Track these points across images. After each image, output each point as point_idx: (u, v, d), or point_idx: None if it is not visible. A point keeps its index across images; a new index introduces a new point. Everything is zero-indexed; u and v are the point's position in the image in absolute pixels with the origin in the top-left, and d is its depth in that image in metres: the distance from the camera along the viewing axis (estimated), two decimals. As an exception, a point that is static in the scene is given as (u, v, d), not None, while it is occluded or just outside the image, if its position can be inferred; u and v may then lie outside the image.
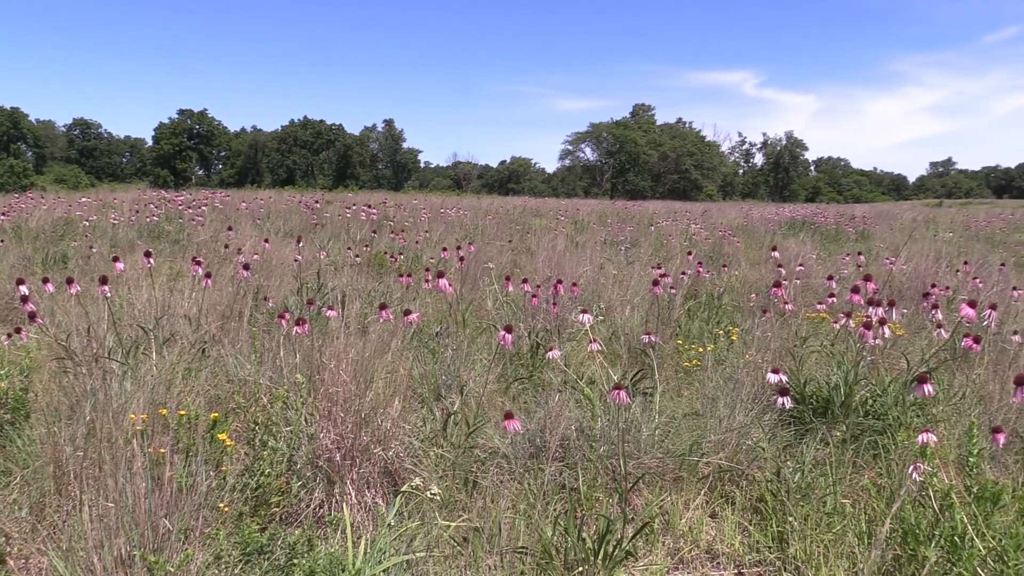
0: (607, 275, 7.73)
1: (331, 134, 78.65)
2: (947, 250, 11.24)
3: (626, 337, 5.30)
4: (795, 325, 5.21)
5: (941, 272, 8.34)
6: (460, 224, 14.70)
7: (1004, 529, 2.52)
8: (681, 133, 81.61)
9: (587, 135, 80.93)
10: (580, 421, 3.41)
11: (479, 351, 4.83)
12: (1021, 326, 5.48)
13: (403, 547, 2.56)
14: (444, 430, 3.40)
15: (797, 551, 2.80)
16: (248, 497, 2.87)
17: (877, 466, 3.39)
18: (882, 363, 4.32)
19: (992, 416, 3.74)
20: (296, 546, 2.50)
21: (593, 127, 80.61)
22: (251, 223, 12.46)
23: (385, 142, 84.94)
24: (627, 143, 76.53)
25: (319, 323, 4.65)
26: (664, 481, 3.29)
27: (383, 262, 8.50)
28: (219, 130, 77.66)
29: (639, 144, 76.18)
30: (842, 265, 9.18)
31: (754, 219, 18.70)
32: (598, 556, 2.54)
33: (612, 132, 78.51)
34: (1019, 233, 17.25)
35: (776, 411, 3.50)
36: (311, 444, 3.07)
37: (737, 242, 12.32)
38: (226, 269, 6.60)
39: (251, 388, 3.55)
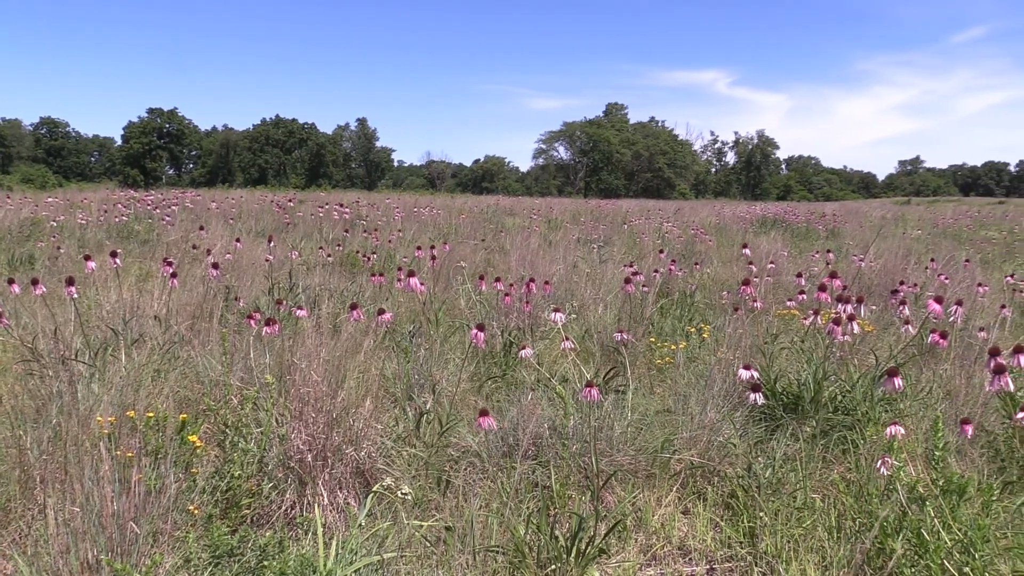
0: (580, 274, 7.75)
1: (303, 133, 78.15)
2: (915, 247, 11.39)
3: (599, 335, 5.32)
4: (766, 322, 5.26)
5: (910, 269, 8.45)
6: (434, 223, 14.66)
7: (970, 521, 2.55)
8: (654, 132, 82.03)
9: (560, 134, 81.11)
10: (553, 419, 3.42)
11: (452, 350, 4.82)
12: (986, 322, 5.57)
13: (375, 548, 2.54)
14: (417, 429, 3.39)
15: (768, 546, 2.83)
16: (218, 499, 2.84)
17: (846, 461, 3.42)
18: (851, 359, 4.37)
19: (958, 410, 3.79)
20: (267, 548, 2.48)
21: (566, 126, 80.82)
22: (222, 223, 12.34)
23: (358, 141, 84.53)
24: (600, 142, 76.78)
25: (291, 323, 4.62)
26: (637, 478, 3.30)
27: (356, 262, 8.46)
28: (190, 129, 76.88)
29: (612, 143, 76.47)
30: (812, 262, 9.27)
31: (726, 217, 18.83)
32: (571, 554, 2.54)
33: (585, 131, 78.74)
34: (985, 230, 17.53)
35: (747, 407, 3.53)
36: (282, 445, 3.04)
37: (709, 240, 12.41)
38: (196, 269, 6.54)
39: (221, 389, 3.52)
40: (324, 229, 12.26)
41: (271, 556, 2.45)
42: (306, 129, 78.60)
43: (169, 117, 75.24)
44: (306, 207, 16.92)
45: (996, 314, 5.83)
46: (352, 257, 8.66)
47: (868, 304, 6.35)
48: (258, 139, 75.77)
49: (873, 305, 6.42)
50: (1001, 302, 6.23)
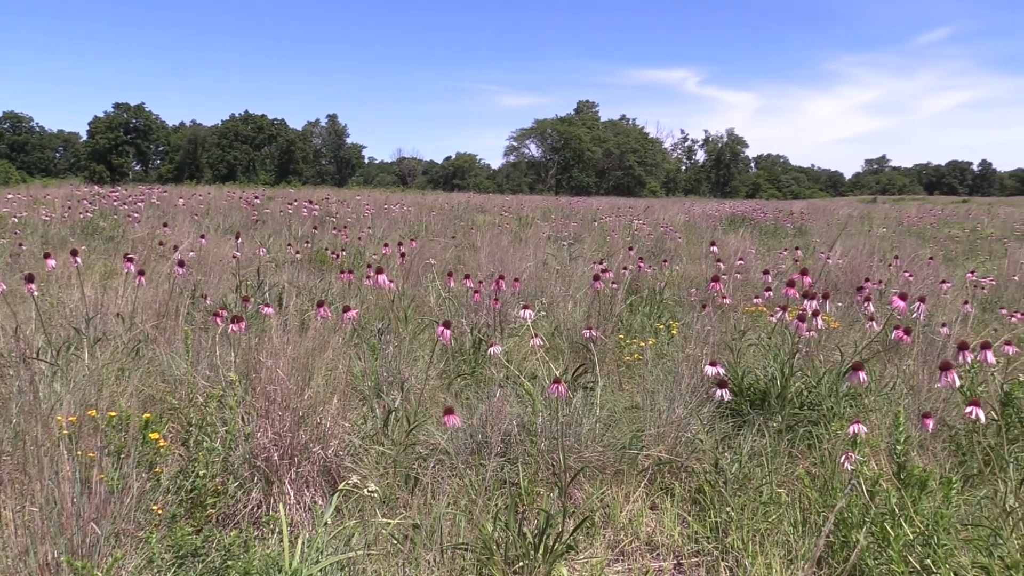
0: (550, 271, 7.77)
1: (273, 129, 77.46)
2: (881, 245, 11.54)
3: (568, 332, 5.33)
4: (734, 319, 5.30)
5: (875, 266, 8.57)
6: (404, 220, 14.61)
7: (931, 514, 2.59)
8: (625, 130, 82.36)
9: (532, 131, 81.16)
10: (522, 416, 3.42)
11: (422, 347, 4.80)
12: (949, 318, 5.66)
13: (341, 546, 2.53)
14: (385, 427, 3.37)
15: (735, 540, 2.85)
16: (183, 499, 2.81)
17: (811, 456, 3.46)
18: (817, 355, 4.41)
19: (921, 405, 3.84)
20: (232, 548, 2.45)
21: (538, 123, 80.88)
22: (189, 219, 12.19)
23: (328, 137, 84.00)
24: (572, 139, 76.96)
25: (258, 321, 4.57)
26: (605, 475, 3.32)
27: (325, 259, 8.41)
28: (157, 124, 75.85)
29: (583, 141, 76.67)
30: (780, 260, 9.36)
31: (696, 215, 18.95)
32: (538, 550, 2.54)
33: (557, 128, 78.86)
34: (948, 228, 17.82)
35: (714, 403, 3.55)
36: (248, 443, 3.01)
37: (679, 238, 12.48)
38: (162, 266, 6.45)
39: (186, 388, 3.48)
40: (293, 226, 12.17)
41: (236, 556, 2.43)
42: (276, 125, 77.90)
43: (136, 112, 74.17)
44: (275, 204, 16.77)
45: (959, 310, 5.93)
46: (321, 254, 8.60)
47: (834, 301, 6.43)
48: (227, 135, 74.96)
49: (839, 302, 6.49)
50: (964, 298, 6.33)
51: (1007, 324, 5.91)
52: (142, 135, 74.53)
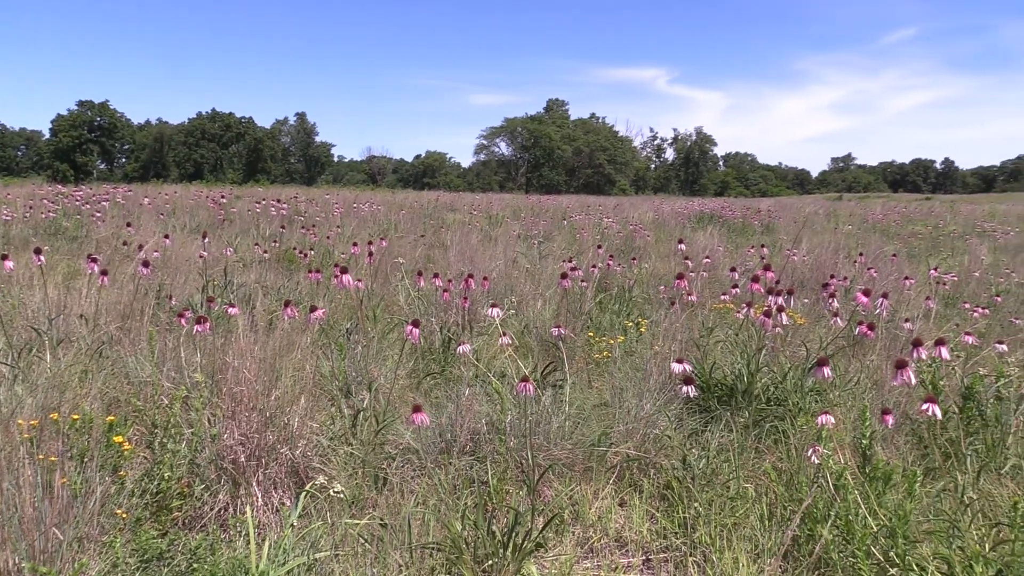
0: (520, 269, 7.77)
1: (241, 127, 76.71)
2: (846, 242, 11.69)
3: (538, 330, 5.34)
4: (702, 316, 5.34)
5: (840, 263, 8.68)
6: (374, 219, 14.54)
7: (894, 507, 2.63)
8: (595, 128, 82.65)
9: (502, 130, 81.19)
10: (491, 415, 3.42)
11: (391, 347, 4.78)
12: (912, 313, 5.75)
13: (309, 547, 2.51)
14: (353, 427, 3.35)
15: (702, 535, 2.87)
16: (148, 502, 2.78)
17: (778, 450, 3.50)
18: (783, 351, 4.47)
19: (885, 400, 3.90)
20: (198, 550, 2.43)
21: (508, 122, 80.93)
22: (155, 219, 12.03)
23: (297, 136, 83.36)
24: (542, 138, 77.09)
25: (225, 322, 4.53)
26: (574, 472, 3.33)
27: (293, 258, 8.34)
28: (122, 122, 74.73)
29: (553, 139, 76.83)
30: (748, 257, 9.44)
31: (665, 213, 19.07)
32: (507, 548, 2.55)
33: (527, 127, 78.96)
34: (912, 225, 18.09)
35: (682, 400, 3.58)
36: (215, 445, 2.98)
37: (648, 235, 12.55)
38: (127, 267, 6.37)
39: (151, 390, 3.44)
40: (261, 225, 12.05)
41: (202, 559, 2.40)
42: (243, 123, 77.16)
43: (100, 110, 73.03)
44: (243, 203, 16.61)
45: (922, 306, 6.03)
46: (289, 254, 8.54)
47: (800, 297, 6.51)
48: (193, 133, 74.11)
49: (805, 298, 6.57)
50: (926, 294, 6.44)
51: (968, 319, 6.02)
52: (107, 133, 73.40)
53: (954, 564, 2.38)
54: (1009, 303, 7.31)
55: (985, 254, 11.68)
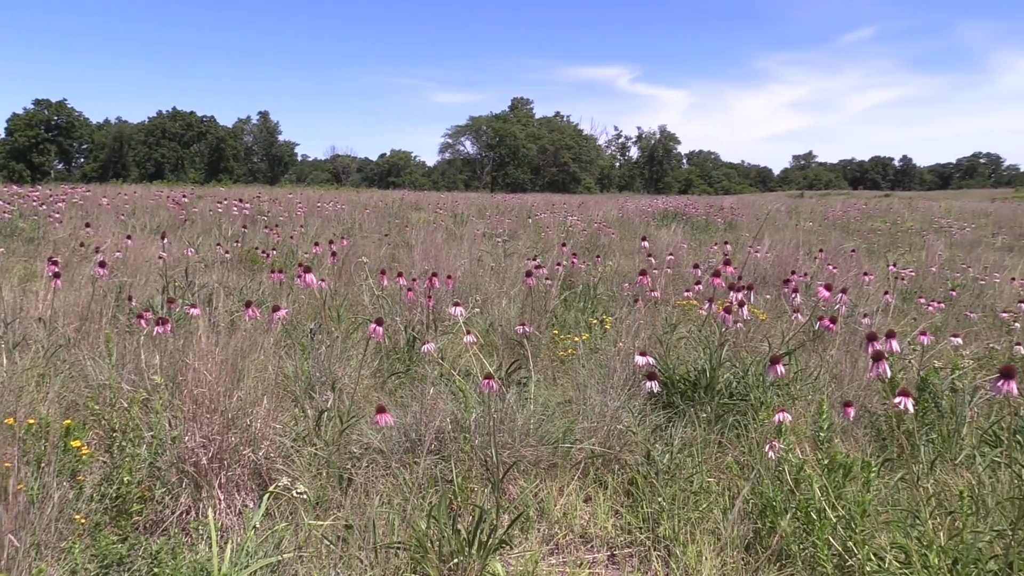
0: (485, 268, 7.77)
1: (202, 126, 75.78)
2: (807, 238, 11.84)
3: (503, 328, 5.34)
4: (665, 312, 5.38)
5: (801, 259, 8.80)
6: (338, 218, 14.45)
7: (853, 498, 2.68)
8: (559, 127, 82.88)
9: (467, 128, 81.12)
10: (455, 413, 3.42)
11: (355, 347, 4.76)
12: (870, 308, 5.85)
13: (272, 549, 2.49)
14: (317, 428, 3.33)
15: (666, 530, 2.90)
16: (108, 507, 2.74)
17: (740, 445, 3.54)
18: (745, 346, 4.52)
19: (844, 393, 3.97)
20: (159, 555, 2.40)
21: (472, 120, 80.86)
22: (115, 220, 11.84)
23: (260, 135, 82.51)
24: (506, 136, 77.13)
25: (186, 323, 4.48)
26: (539, 469, 3.34)
27: (255, 258, 8.26)
28: (80, 121, 73.42)
29: (518, 137, 76.90)
30: (711, 254, 9.53)
31: (629, 211, 19.18)
32: (472, 546, 2.55)
33: (491, 125, 78.96)
34: (871, 221, 18.39)
35: (646, 395, 3.60)
36: (175, 448, 2.95)
37: (612, 233, 12.61)
38: (86, 268, 6.27)
39: (110, 393, 3.38)
40: (223, 225, 11.91)
41: (163, 563, 2.37)
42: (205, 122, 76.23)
43: (57, 109, 71.67)
44: (204, 203, 16.41)
45: (880, 301, 6.13)
46: (252, 254, 8.45)
47: (762, 293, 6.59)
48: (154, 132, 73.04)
49: (767, 294, 6.66)
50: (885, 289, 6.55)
51: (925, 313, 6.13)
52: (64, 133, 72.06)
53: (911, 553, 2.42)
54: (964, 297, 7.47)
55: (942, 249, 11.91)
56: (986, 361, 4.74)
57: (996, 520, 2.72)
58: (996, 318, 6.22)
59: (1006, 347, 4.83)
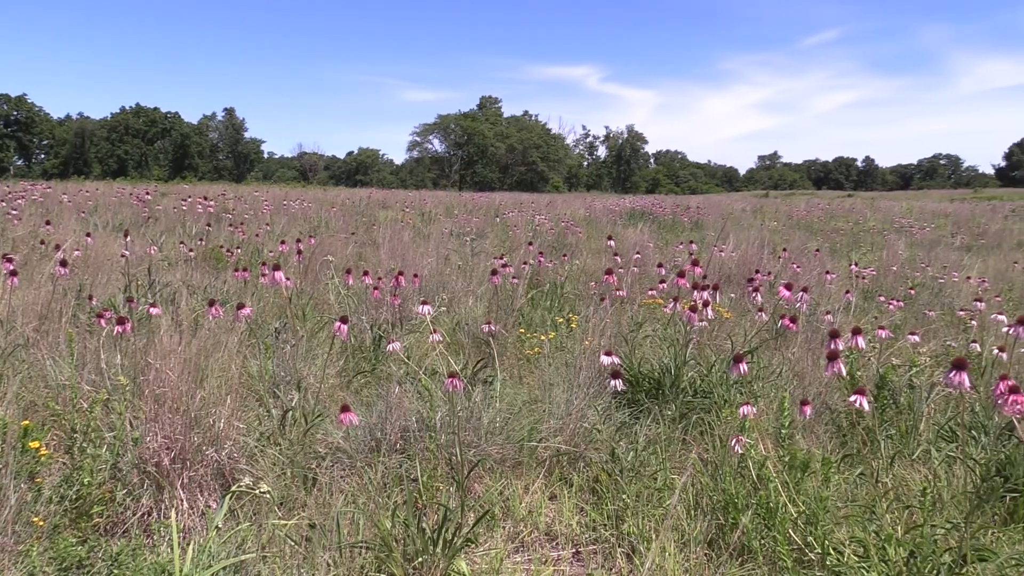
0: (452, 266, 7.77)
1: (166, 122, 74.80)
2: (772, 238, 11.98)
3: (469, 327, 5.35)
4: (631, 311, 5.42)
5: (766, 258, 8.90)
6: (304, 217, 14.34)
7: (813, 493, 2.73)
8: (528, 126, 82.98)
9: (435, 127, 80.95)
10: (421, 412, 3.42)
11: (320, 346, 4.74)
12: (833, 307, 5.94)
13: (235, 550, 2.48)
14: (281, 427, 3.31)
15: (630, 527, 2.92)
16: (67, 509, 2.70)
17: (704, 442, 3.58)
18: (709, 345, 4.56)
19: (805, 390, 4.03)
20: (120, 556, 2.37)
21: (441, 119, 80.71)
22: (76, 217, 11.64)
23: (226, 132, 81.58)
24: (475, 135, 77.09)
25: (149, 322, 4.42)
26: (505, 467, 3.35)
27: (220, 257, 8.18)
28: (40, 117, 72.07)
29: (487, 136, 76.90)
30: (677, 253, 9.61)
31: (597, 210, 19.25)
32: (437, 545, 2.55)
33: (460, 124, 78.87)
34: (834, 221, 18.64)
35: (611, 394, 3.63)
36: (137, 448, 2.91)
37: (580, 232, 12.66)
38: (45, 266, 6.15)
39: (69, 393, 3.33)
40: (187, 223, 11.76)
41: (124, 565, 2.35)
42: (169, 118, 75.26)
43: (17, 104, 70.27)
44: (168, 200, 16.20)
45: (841, 299, 6.23)
46: (216, 252, 8.36)
47: (727, 292, 6.66)
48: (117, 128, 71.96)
49: (732, 293, 6.73)
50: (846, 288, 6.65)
51: (885, 311, 6.24)
52: (24, 128, 70.67)
53: (869, 547, 2.47)
54: (923, 296, 7.61)
55: (902, 249, 12.12)
56: (943, 358, 4.84)
57: (951, 514, 2.78)
58: (954, 316, 6.34)
59: (962, 345, 4.93)
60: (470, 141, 77.84)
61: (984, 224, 17.99)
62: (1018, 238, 15.56)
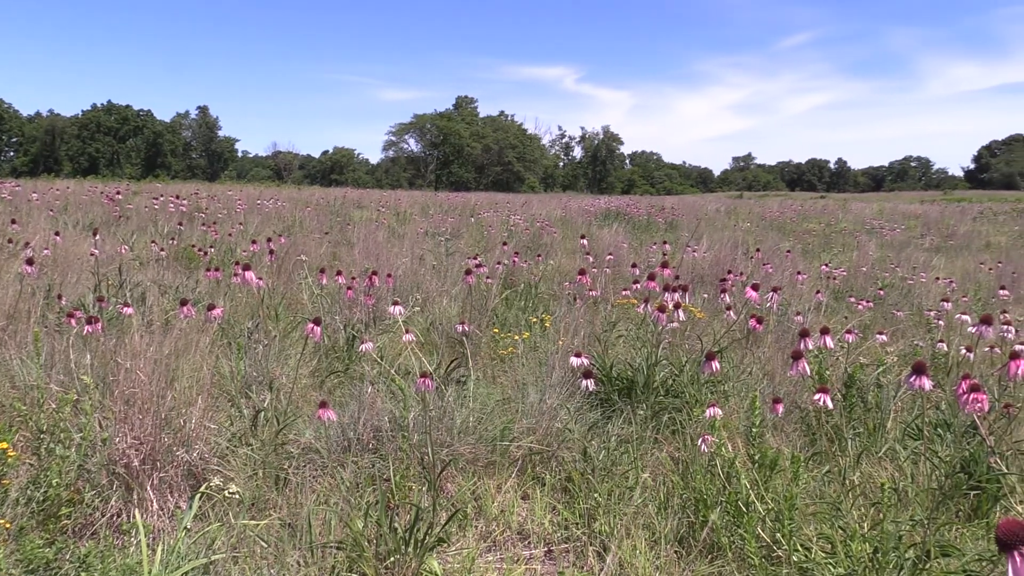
0: (427, 266, 7.76)
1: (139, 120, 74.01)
2: (745, 239, 12.09)
3: (443, 327, 5.35)
4: (605, 311, 5.45)
5: (739, 259, 8.98)
6: (278, 216, 14.26)
7: (782, 491, 2.76)
8: (504, 126, 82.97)
9: (411, 126, 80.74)
10: (393, 412, 3.42)
11: (293, 346, 4.72)
12: (803, 307, 6.00)
13: (205, 550, 2.47)
14: (253, 428, 3.30)
15: (602, 525, 2.94)
16: (35, 510, 2.67)
17: (675, 440, 3.61)
18: (681, 345, 4.60)
19: (776, 389, 4.08)
20: (88, 558, 2.35)
21: (417, 118, 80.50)
22: (45, 216, 11.50)
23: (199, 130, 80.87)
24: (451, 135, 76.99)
25: (118, 322, 4.38)
26: (477, 467, 3.36)
27: (192, 256, 8.11)
28: (9, 114, 71.02)
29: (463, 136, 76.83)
30: (651, 254, 9.66)
31: (572, 210, 19.31)
32: (409, 544, 2.56)
33: (436, 124, 78.73)
34: (807, 222, 18.83)
35: (584, 394, 3.65)
36: (106, 449, 2.89)
37: (555, 232, 12.70)
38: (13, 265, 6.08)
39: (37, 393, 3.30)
40: (159, 222, 11.64)
41: (92, 566, 2.33)
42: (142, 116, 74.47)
43: (-16, 101, 69.25)
44: (140, 199, 16.03)
45: (812, 300, 6.30)
46: (188, 252, 8.30)
47: (700, 292, 6.71)
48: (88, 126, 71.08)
49: (705, 293, 6.78)
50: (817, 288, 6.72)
51: (855, 311, 6.32)
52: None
53: (836, 543, 2.51)
54: (893, 296, 7.72)
55: (873, 250, 12.28)
56: (910, 358, 4.91)
57: (916, 510, 2.82)
58: (922, 316, 6.44)
59: (929, 344, 5.01)
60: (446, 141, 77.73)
61: (953, 225, 18.27)
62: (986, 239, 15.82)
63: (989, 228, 18.61)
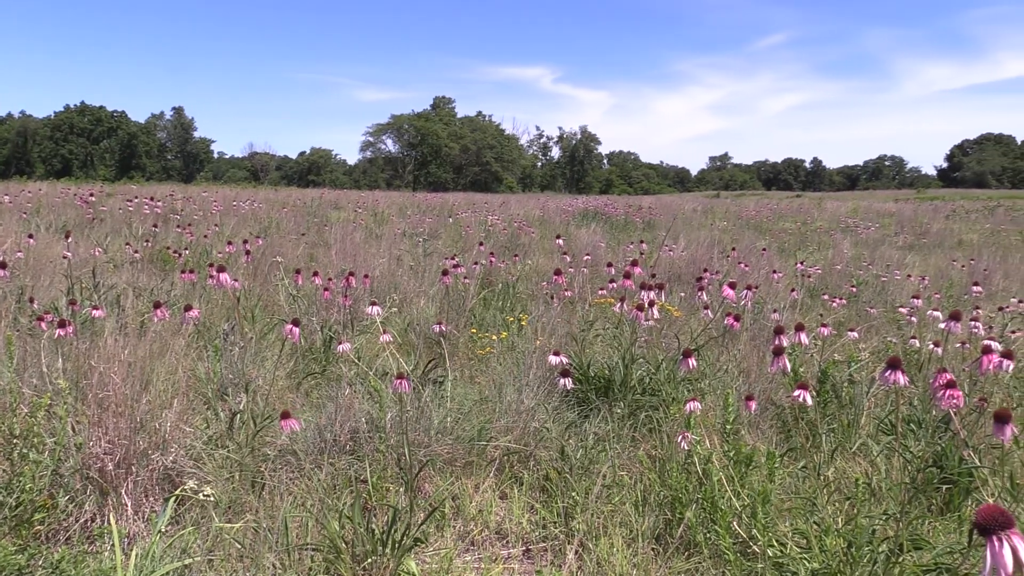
0: (404, 267, 7.75)
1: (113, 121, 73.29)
2: (722, 238, 12.17)
3: (421, 328, 5.34)
4: (582, 310, 5.46)
5: (715, 258, 9.04)
6: (254, 217, 14.17)
7: (757, 488, 2.78)
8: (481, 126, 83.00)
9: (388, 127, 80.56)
10: (371, 413, 3.41)
11: (270, 347, 4.69)
12: (779, 304, 6.06)
13: (180, 554, 2.45)
14: (230, 430, 3.28)
15: (580, 524, 2.95)
16: (7, 516, 2.64)
17: (652, 439, 3.63)
18: (658, 343, 4.62)
19: (751, 386, 4.11)
20: (61, 564, 2.33)
21: (394, 119, 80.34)
22: (17, 218, 11.37)
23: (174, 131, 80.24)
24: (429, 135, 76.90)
25: (92, 325, 4.34)
26: (455, 467, 3.36)
27: (167, 258, 8.05)
28: (-21, 116, 70.11)
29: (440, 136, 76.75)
30: (628, 253, 9.70)
31: (550, 210, 19.34)
32: (387, 545, 2.55)
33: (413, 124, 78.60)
34: (783, 221, 18.99)
35: (561, 393, 3.66)
36: (79, 454, 2.86)
37: (533, 232, 12.72)
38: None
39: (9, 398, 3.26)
40: (134, 224, 11.54)
41: (65, 572, 2.31)
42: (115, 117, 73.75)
43: (-46, 102, 68.28)
44: (114, 201, 15.88)
45: (787, 297, 6.35)
46: (163, 254, 8.23)
47: (677, 291, 6.75)
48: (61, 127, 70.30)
49: (682, 292, 6.82)
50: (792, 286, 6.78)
51: (829, 309, 6.38)
52: (-38, 127, 68.72)
53: (811, 538, 2.53)
54: (866, 293, 7.80)
55: (848, 248, 12.40)
56: (883, 354, 4.96)
57: (889, 505, 2.86)
58: (895, 313, 6.51)
59: (901, 341, 5.07)
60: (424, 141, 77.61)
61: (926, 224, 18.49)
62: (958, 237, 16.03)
63: (961, 226, 18.87)
